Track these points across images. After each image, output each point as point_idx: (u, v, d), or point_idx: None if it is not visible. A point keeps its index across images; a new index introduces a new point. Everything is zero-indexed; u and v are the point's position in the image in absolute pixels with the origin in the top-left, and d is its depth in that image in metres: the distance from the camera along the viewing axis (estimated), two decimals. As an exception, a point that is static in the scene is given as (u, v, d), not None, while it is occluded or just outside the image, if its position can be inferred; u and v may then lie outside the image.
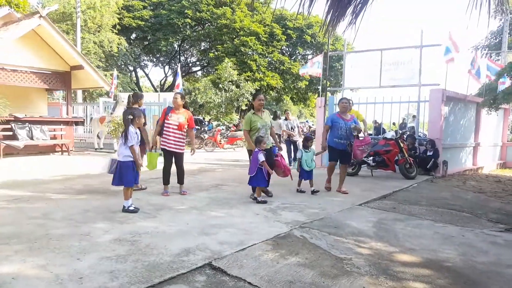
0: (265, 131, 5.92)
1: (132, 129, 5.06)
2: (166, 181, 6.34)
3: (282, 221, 4.67)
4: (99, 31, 23.25)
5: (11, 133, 10.19)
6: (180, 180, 6.42)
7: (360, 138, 6.71)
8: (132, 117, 5.14)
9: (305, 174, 6.51)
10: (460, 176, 9.86)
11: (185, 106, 6.45)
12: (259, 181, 5.70)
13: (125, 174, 4.96)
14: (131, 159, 5.00)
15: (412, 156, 8.78)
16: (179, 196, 6.15)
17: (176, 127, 6.16)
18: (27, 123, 10.58)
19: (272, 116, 9.24)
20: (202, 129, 19.38)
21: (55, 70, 11.63)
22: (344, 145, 6.50)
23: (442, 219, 5.08)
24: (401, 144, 8.65)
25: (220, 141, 17.06)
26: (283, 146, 8.20)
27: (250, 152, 6.01)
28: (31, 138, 10.48)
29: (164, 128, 6.21)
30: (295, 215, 5.01)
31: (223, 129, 18.92)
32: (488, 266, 3.43)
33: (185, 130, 6.27)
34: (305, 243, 3.88)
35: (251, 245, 3.72)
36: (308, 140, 6.70)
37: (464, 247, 3.91)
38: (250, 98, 23.87)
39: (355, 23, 3.06)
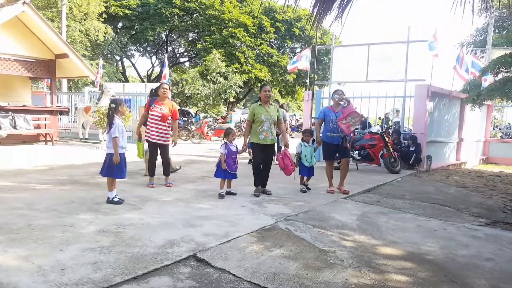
0: (269, 125, 5.68)
1: (117, 120, 4.96)
2: (151, 172, 6.29)
3: (267, 213, 4.70)
4: (85, 19, 22.74)
5: (-7, 122, 9.96)
6: (166, 172, 6.37)
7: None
8: (114, 106, 4.99)
9: (306, 171, 6.15)
10: (444, 171, 10.05)
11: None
12: (219, 172, 5.56)
13: (113, 166, 4.89)
14: (122, 152, 4.93)
15: (396, 151, 8.90)
16: (165, 188, 6.12)
17: (159, 118, 6.07)
18: (10, 112, 10.35)
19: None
20: (189, 120, 19.26)
21: (39, 58, 11.36)
22: (338, 138, 6.10)
23: (425, 213, 5.18)
24: (386, 139, 8.77)
25: (207, 133, 16.98)
26: None
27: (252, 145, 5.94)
28: (14, 127, 10.26)
29: (148, 119, 6.14)
30: (280, 207, 5.04)
31: (210, 121, 18.84)
32: (468, 259, 3.51)
33: (169, 122, 6.18)
34: (289, 235, 3.91)
35: (236, 237, 3.74)
36: (307, 133, 6.32)
37: (446, 241, 4.00)
38: (238, 90, 23.94)
39: (341, 17, 3.07)
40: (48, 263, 2.94)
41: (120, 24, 28.44)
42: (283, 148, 5.99)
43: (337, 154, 6.40)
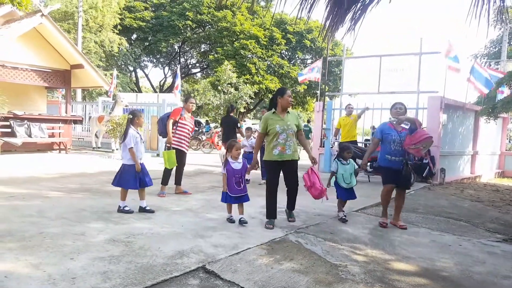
0: (286, 137, 4.64)
1: (132, 131, 5.00)
2: (166, 182, 6.32)
3: (277, 225, 4.65)
4: (100, 31, 23.25)
5: (9, 130, 10.19)
6: (180, 181, 6.50)
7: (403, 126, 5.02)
8: (132, 117, 5.07)
9: (344, 193, 5.13)
10: (458, 184, 9.86)
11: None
12: (223, 195, 4.76)
13: (124, 176, 4.92)
14: (133, 163, 4.97)
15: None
16: (175, 197, 6.12)
17: (191, 128, 6.43)
18: (25, 121, 10.57)
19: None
20: (200, 130, 19.37)
21: (56, 69, 11.63)
22: (399, 163, 4.89)
23: (439, 228, 5.06)
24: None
25: (218, 142, 17.02)
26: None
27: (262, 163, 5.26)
28: (29, 136, 10.47)
29: (180, 128, 6.26)
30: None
31: (221, 131, 18.89)
32: (485, 276, 3.41)
33: None
34: (300, 248, 3.86)
35: (246, 249, 3.70)
36: (345, 149, 5.25)
37: (461, 257, 3.90)
38: (249, 100, 24.04)
39: (354, 29, 3.07)
40: (59, 271, 2.94)
41: (134, 36, 28.98)
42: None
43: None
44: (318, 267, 3.38)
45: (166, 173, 6.30)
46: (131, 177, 4.93)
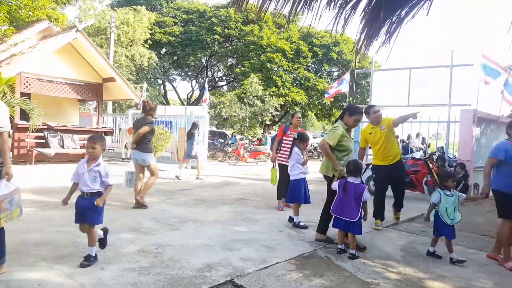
0: (351, 158, 4.48)
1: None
2: (281, 195, 6.41)
3: (306, 240, 4.57)
4: (131, 46, 24.06)
5: (43, 141, 10.59)
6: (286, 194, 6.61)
7: None
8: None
9: (447, 230, 4.20)
10: (493, 200, 9.40)
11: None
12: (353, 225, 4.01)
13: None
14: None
15: (441, 178, 8.46)
16: (203, 208, 6.15)
17: None
18: (59, 132, 10.97)
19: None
20: (226, 142, 19.51)
21: (89, 82, 12.07)
22: None
23: (475, 245, 4.84)
24: (430, 165, 8.39)
25: (243, 155, 17.08)
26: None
27: (327, 179, 4.54)
28: (62, 147, 10.84)
29: (284, 145, 6.37)
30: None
31: (246, 143, 18.97)
32: (527, 299, 3.21)
33: None
34: (330, 264, 3.77)
35: (274, 264, 3.65)
36: (449, 177, 4.33)
37: (500, 277, 3.69)
38: (275, 113, 24.10)
39: (388, 43, 3.03)
40: (90, 281, 2.99)
41: (164, 50, 29.84)
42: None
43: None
44: (349, 284, 3.28)
45: (278, 187, 6.45)
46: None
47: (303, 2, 2.66)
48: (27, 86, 10.55)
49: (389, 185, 5.71)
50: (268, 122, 25.58)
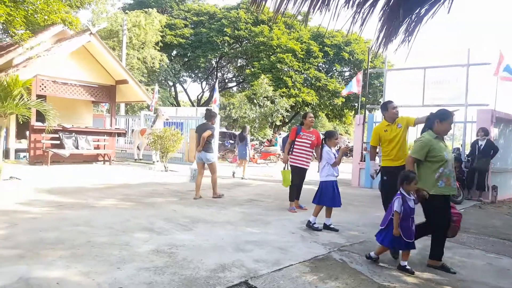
0: (452, 168, 3.85)
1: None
2: (293, 197, 6.45)
3: (319, 242, 4.53)
4: (142, 48, 24.28)
5: (58, 142, 10.73)
6: (299, 196, 6.60)
7: None
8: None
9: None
10: None
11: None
12: (387, 238, 3.71)
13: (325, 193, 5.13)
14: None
15: (458, 180, 8.33)
16: (214, 209, 6.15)
17: (309, 145, 6.30)
18: (73, 133, 11.11)
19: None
20: (236, 143, 19.52)
21: (102, 84, 12.19)
22: None
23: (495, 250, 4.72)
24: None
25: (254, 156, 17.06)
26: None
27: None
28: (77, 147, 10.97)
29: (296, 147, 6.34)
30: (333, 236, 4.84)
31: (256, 144, 18.95)
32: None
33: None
34: (345, 267, 3.71)
35: (288, 266, 3.61)
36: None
37: (521, 281, 3.59)
38: (285, 114, 24.02)
39: (408, 41, 2.97)
40: (107, 280, 3.00)
41: (174, 52, 30.05)
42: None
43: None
44: (365, 287, 3.23)
45: (291, 189, 6.42)
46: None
47: (321, 2, 2.62)
48: (42, 88, 10.70)
49: None
50: (278, 123, 25.53)
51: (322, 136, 6.13)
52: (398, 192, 3.74)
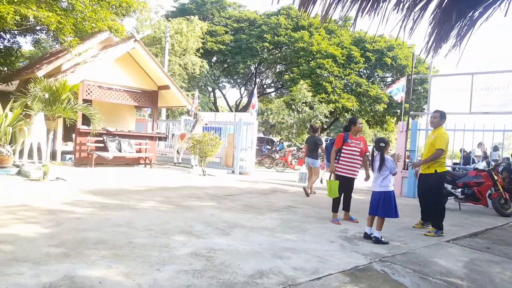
0: None
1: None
2: (337, 208, 6.07)
3: (359, 251, 4.38)
4: (184, 54, 24.97)
5: (102, 145, 11.21)
6: (348, 207, 6.25)
7: None
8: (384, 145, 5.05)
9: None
10: None
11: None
12: None
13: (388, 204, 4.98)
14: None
15: (508, 191, 7.81)
16: (251, 214, 6.13)
17: (358, 153, 5.99)
18: (117, 137, 11.57)
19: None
20: (273, 149, 19.50)
21: (145, 89, 12.63)
22: None
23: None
24: (495, 177, 7.77)
25: (291, 161, 16.95)
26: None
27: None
28: (119, 151, 11.41)
29: (344, 155, 6.00)
30: (373, 246, 4.67)
31: (294, 150, 18.82)
32: None
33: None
34: (386, 278, 3.57)
35: (327, 275, 3.52)
36: None
37: None
38: (324, 120, 23.60)
39: (459, 46, 2.80)
40: (147, 282, 3.06)
41: (214, 58, 30.67)
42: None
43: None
44: (409, 302, 3.08)
45: (335, 200, 6.06)
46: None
47: (370, 6, 2.54)
48: (89, 93, 11.25)
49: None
50: (317, 129, 25.23)
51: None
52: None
